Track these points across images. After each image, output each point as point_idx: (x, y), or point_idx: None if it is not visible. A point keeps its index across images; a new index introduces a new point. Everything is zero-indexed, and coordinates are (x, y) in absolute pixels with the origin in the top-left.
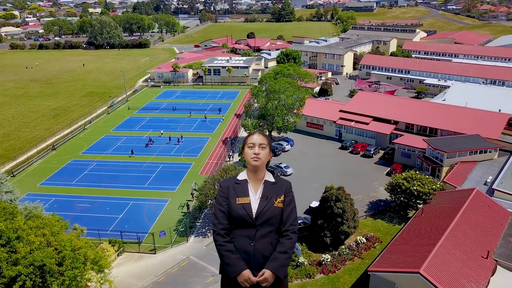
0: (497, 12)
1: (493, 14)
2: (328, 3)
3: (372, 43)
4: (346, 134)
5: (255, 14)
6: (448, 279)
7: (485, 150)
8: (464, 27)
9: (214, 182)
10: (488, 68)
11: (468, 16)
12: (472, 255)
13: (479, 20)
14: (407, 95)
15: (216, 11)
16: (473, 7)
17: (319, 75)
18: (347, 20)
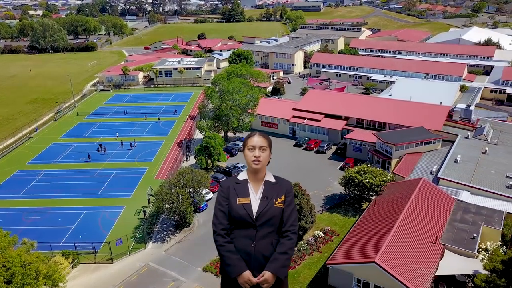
0: (435, 10)
1: (431, 13)
2: (277, 3)
3: (321, 42)
4: (299, 132)
5: (205, 14)
6: (401, 266)
7: (429, 141)
8: (405, 25)
9: (170, 186)
10: (429, 64)
11: (408, 14)
12: (422, 241)
13: (419, 18)
14: (356, 91)
15: (165, 12)
16: (413, 6)
17: (271, 74)
18: (296, 19)
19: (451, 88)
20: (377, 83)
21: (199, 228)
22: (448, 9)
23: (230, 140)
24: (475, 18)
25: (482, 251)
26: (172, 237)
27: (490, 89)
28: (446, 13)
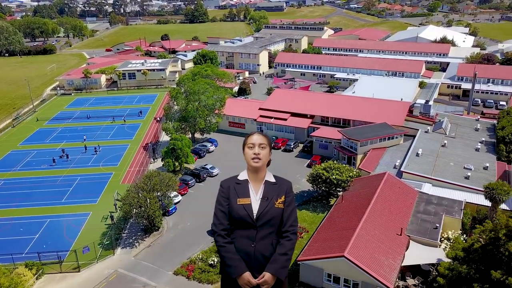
0: (393, 10)
1: (390, 12)
2: (240, 4)
3: (285, 42)
4: (267, 131)
5: (168, 15)
6: (369, 258)
7: (392, 136)
8: (366, 24)
9: (138, 190)
10: (389, 61)
11: (368, 14)
12: (388, 233)
13: (378, 18)
14: (321, 89)
15: (127, 13)
16: (372, 5)
17: (237, 74)
18: (259, 19)
19: (411, 84)
20: (340, 81)
21: (169, 231)
22: (405, 9)
23: (198, 141)
24: (431, 17)
25: (445, 240)
26: (141, 242)
27: (447, 84)
28: (403, 12)
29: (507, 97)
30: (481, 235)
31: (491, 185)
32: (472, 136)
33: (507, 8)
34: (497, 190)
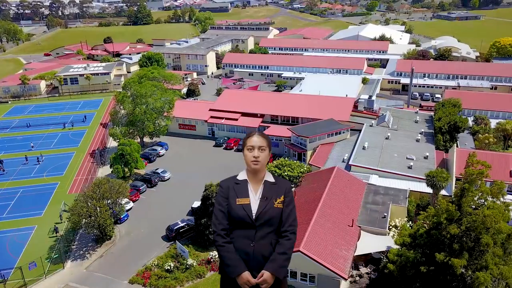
0: (334, 9)
1: (331, 11)
2: (184, 5)
3: (231, 42)
4: (218, 132)
5: (109, 17)
6: (324, 251)
7: (339, 131)
8: (309, 23)
9: (86, 200)
10: (333, 59)
11: (311, 13)
12: (340, 225)
13: (321, 17)
14: (269, 89)
15: (65, 15)
16: (314, 5)
17: (184, 76)
18: (205, 20)
19: (355, 81)
20: (287, 80)
21: (122, 239)
22: (346, 8)
23: (147, 145)
24: (370, 16)
25: (393, 228)
26: (93, 252)
27: (387, 80)
28: (344, 11)
29: (441, 90)
30: (425, 221)
31: (431, 173)
32: (412, 128)
33: (438, 7)
34: (437, 177)
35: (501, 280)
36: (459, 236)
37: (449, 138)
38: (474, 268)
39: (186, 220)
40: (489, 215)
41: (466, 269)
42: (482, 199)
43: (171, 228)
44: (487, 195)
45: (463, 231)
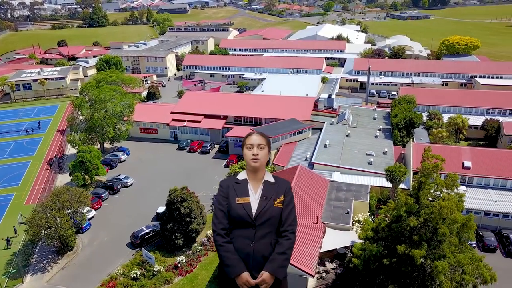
0: (292, 10)
1: (289, 12)
2: (141, 6)
3: (191, 44)
4: (181, 135)
5: (63, 20)
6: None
7: (301, 130)
8: (268, 24)
9: (45, 210)
10: (293, 59)
11: (270, 14)
12: (306, 223)
13: (279, 17)
14: (231, 90)
15: (15, 18)
16: (273, 6)
17: (144, 79)
18: (163, 22)
19: (314, 80)
20: (249, 81)
21: (84, 249)
22: (303, 8)
23: (108, 151)
24: (327, 16)
25: (356, 223)
26: (54, 264)
27: (345, 78)
28: (302, 12)
29: (397, 87)
30: (386, 215)
31: (390, 168)
32: (371, 124)
33: (391, 7)
34: (396, 172)
35: (457, 267)
36: (418, 228)
37: (406, 133)
38: (432, 258)
39: (151, 226)
40: (445, 206)
41: (425, 259)
42: (438, 191)
43: (136, 235)
44: (442, 187)
45: (421, 223)
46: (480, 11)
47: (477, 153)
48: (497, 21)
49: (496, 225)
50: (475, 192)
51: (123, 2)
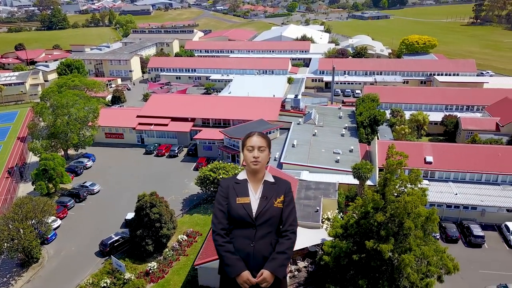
0: (257, 11)
1: (254, 13)
2: (103, 8)
3: (156, 46)
4: (148, 138)
5: (20, 22)
6: None
7: (269, 131)
8: (233, 25)
9: (7, 222)
10: (259, 60)
11: (234, 15)
12: None
13: (244, 18)
14: (198, 92)
15: None
16: (237, 7)
17: (108, 82)
18: (126, 24)
19: (281, 81)
20: (216, 83)
21: (51, 261)
22: (267, 9)
23: (72, 158)
24: (291, 17)
25: (325, 221)
26: (18, 278)
27: (311, 78)
28: (266, 13)
29: (360, 86)
30: (354, 211)
31: (357, 165)
32: (337, 123)
33: (352, 7)
34: (362, 169)
35: (423, 259)
36: (385, 223)
37: (370, 131)
38: (399, 251)
39: (120, 233)
40: (410, 201)
41: (392, 252)
42: (402, 187)
43: (105, 243)
44: (406, 182)
45: (388, 218)
46: (436, 11)
47: (438, 148)
48: (452, 20)
49: (457, 217)
50: (437, 185)
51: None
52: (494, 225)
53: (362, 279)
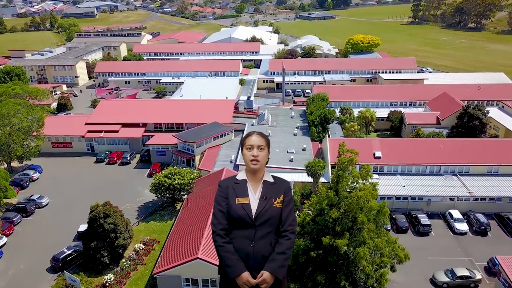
0: (205, 12)
1: (203, 14)
2: (43, 11)
3: (102, 50)
4: (98, 146)
5: None
6: None
7: (224, 133)
8: (182, 27)
9: None
10: (210, 62)
11: (183, 17)
12: None
13: (193, 20)
14: (148, 96)
15: None
16: (185, 9)
17: (53, 89)
18: (69, 27)
19: (233, 83)
20: (167, 86)
21: None
22: (216, 11)
23: (17, 170)
24: (240, 18)
25: None
26: None
27: (262, 79)
28: (215, 14)
29: (310, 85)
30: (310, 209)
31: (310, 163)
32: (289, 123)
33: (299, 8)
34: (315, 167)
35: (376, 251)
36: (339, 219)
37: (322, 129)
38: (354, 245)
39: (73, 246)
40: (362, 196)
41: (348, 247)
42: (354, 183)
43: (57, 258)
44: (358, 178)
45: (342, 214)
46: (378, 11)
47: (386, 143)
48: (392, 20)
49: (406, 208)
50: (386, 179)
51: (22, 6)
52: (439, 213)
53: (320, 274)
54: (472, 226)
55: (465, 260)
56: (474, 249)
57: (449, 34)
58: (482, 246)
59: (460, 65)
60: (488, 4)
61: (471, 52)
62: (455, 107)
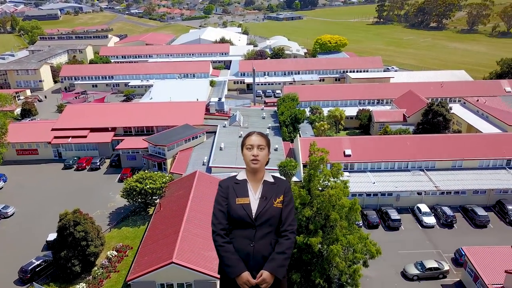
0: (173, 14)
1: (171, 16)
2: (3, 13)
3: (67, 53)
4: (66, 152)
5: None
6: (197, 257)
7: (195, 136)
8: (150, 29)
9: None
10: (179, 64)
11: (150, 18)
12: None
13: (161, 22)
14: (117, 99)
15: None
16: (153, 10)
17: (16, 94)
18: (32, 30)
19: (203, 84)
20: (136, 89)
21: None
22: (184, 12)
23: None
24: (208, 19)
25: None
26: None
27: (233, 81)
28: (183, 16)
29: (280, 86)
30: None
31: (282, 163)
32: (260, 124)
33: (267, 9)
34: (288, 166)
35: (349, 247)
36: (312, 217)
37: (293, 129)
38: (328, 243)
39: (42, 256)
40: (333, 194)
41: (322, 245)
42: (326, 181)
43: (25, 269)
44: (329, 176)
45: (315, 212)
46: (344, 12)
47: (355, 141)
48: (358, 20)
49: (376, 204)
50: (357, 176)
51: None
52: (408, 208)
53: (295, 273)
54: (439, 219)
55: (433, 252)
56: (442, 241)
57: (413, 33)
58: (449, 238)
59: (423, 63)
60: (448, 4)
61: (433, 50)
62: (420, 104)
